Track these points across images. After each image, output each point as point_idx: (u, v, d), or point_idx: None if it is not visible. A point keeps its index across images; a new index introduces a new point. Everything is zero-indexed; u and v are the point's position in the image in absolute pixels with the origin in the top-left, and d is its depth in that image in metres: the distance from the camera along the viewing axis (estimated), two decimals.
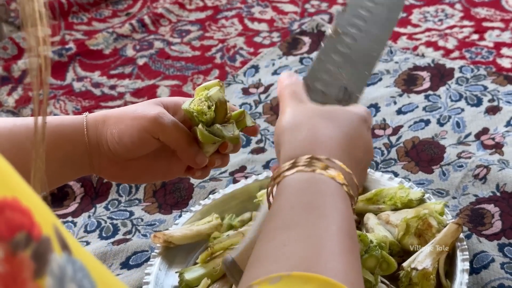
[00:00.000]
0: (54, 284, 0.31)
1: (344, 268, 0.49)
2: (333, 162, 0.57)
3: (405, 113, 1.13)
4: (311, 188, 0.55)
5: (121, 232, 0.99)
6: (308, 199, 0.54)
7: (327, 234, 0.51)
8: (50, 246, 0.32)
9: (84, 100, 1.27)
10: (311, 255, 0.49)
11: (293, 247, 0.50)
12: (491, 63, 1.22)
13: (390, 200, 0.91)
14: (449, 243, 0.83)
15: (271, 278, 0.46)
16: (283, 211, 0.54)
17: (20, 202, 0.31)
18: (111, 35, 1.41)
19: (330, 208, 0.54)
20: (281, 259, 0.48)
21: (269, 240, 0.52)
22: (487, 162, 0.99)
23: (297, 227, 0.52)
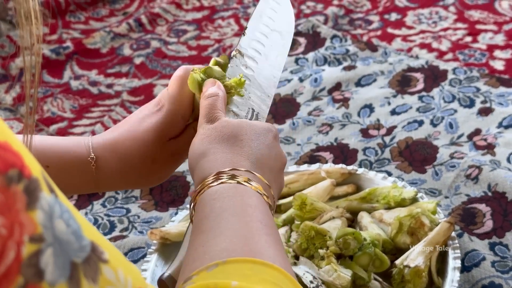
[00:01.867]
0: (44, 218, 0.34)
1: (269, 250, 0.51)
2: (253, 174, 0.60)
3: (399, 113, 1.15)
4: (235, 196, 0.57)
5: (118, 229, 1.00)
6: (226, 202, 0.56)
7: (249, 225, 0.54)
8: (39, 185, 0.35)
9: (81, 99, 1.28)
10: (239, 243, 0.51)
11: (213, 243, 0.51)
12: (484, 65, 1.23)
13: (383, 199, 0.92)
14: (441, 242, 0.84)
15: (208, 267, 0.48)
16: (203, 218, 0.55)
17: (11, 145, 0.35)
18: (108, 34, 1.42)
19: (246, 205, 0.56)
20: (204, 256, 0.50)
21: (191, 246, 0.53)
22: (479, 163, 1.01)
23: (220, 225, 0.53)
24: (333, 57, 1.29)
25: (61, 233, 0.35)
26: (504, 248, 0.89)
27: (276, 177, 0.64)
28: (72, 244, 0.35)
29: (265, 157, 0.63)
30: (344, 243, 0.82)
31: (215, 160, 0.61)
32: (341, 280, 0.79)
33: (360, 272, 0.81)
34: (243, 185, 0.58)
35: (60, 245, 0.35)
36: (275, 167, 0.64)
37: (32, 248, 0.33)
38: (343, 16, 1.42)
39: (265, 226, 0.55)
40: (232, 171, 0.59)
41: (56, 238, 0.35)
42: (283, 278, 0.49)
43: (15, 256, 0.33)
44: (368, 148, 1.08)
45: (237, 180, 0.58)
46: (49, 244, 0.34)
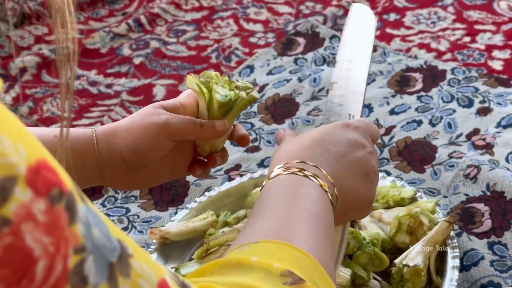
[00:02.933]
0: (84, 229, 0.37)
1: (304, 236, 0.55)
2: (306, 164, 0.63)
3: (397, 113, 1.15)
4: (295, 185, 0.61)
5: None
6: (287, 192, 0.60)
7: (292, 212, 0.57)
8: (75, 198, 0.37)
9: (81, 99, 1.28)
10: (275, 227, 0.55)
11: (260, 224, 0.57)
12: (482, 65, 1.24)
13: (382, 198, 0.93)
14: (440, 241, 0.84)
15: (240, 246, 0.53)
16: (261, 202, 0.60)
17: (49, 162, 0.37)
18: (107, 34, 1.42)
19: (299, 194, 0.60)
20: (248, 234, 0.55)
21: (243, 228, 0.59)
22: (477, 162, 1.01)
23: (267, 212, 0.58)
24: (332, 57, 1.30)
25: (98, 238, 0.38)
26: (503, 247, 0.90)
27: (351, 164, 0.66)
28: (107, 246, 0.38)
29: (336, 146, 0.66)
30: None
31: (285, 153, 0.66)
32: (340, 279, 0.79)
33: (359, 271, 0.81)
34: (308, 178, 0.61)
35: (98, 250, 0.37)
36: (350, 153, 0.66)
37: (77, 259, 0.36)
38: (342, 16, 1.42)
39: (311, 214, 0.57)
40: (301, 164, 0.63)
41: (94, 245, 0.37)
42: (307, 261, 0.51)
43: (63, 269, 0.35)
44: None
45: (303, 174, 0.61)
46: (90, 252, 0.37)
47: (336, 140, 0.66)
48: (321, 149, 0.65)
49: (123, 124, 0.73)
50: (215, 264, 0.50)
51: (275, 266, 0.49)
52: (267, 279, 0.48)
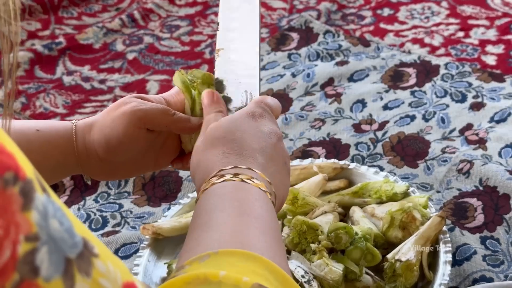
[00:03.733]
0: (39, 218, 0.36)
1: (261, 244, 0.53)
2: (255, 172, 0.60)
3: (391, 108, 1.15)
4: (233, 191, 0.58)
5: (110, 224, 1.00)
6: (228, 200, 0.57)
7: (243, 219, 0.55)
8: (33, 186, 0.36)
9: (74, 94, 1.27)
10: (233, 236, 0.53)
11: (207, 236, 0.53)
12: (476, 60, 1.24)
13: (375, 193, 0.93)
14: (432, 236, 0.84)
15: (200, 257, 0.50)
16: (204, 212, 0.57)
17: (5, 147, 0.36)
18: (101, 29, 1.41)
19: (245, 200, 0.57)
20: (207, 243, 0.52)
21: (188, 238, 0.55)
22: (470, 157, 1.01)
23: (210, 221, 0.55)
24: (326, 52, 1.30)
25: (55, 231, 0.36)
26: (495, 242, 0.90)
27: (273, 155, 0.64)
28: (66, 241, 0.37)
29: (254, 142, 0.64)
30: (335, 237, 0.82)
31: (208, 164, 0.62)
32: (333, 274, 0.79)
33: (351, 266, 0.81)
34: (245, 182, 0.59)
35: (54, 242, 0.36)
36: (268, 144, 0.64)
37: (28, 247, 0.35)
38: (335, 11, 1.42)
39: (260, 220, 0.55)
40: (234, 169, 0.60)
41: (50, 236, 0.36)
42: (272, 270, 0.50)
43: (11, 254, 0.34)
44: (361, 143, 1.08)
45: (240, 178, 0.59)
46: (44, 242, 0.36)
47: (253, 135, 0.64)
48: (245, 149, 0.63)
49: (98, 119, 0.72)
50: (181, 280, 0.48)
51: (244, 280, 0.47)
52: None
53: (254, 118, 0.66)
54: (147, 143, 0.72)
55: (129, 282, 0.40)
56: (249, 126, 0.65)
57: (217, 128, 0.65)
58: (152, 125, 0.71)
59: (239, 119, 0.66)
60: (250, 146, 0.63)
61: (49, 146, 0.71)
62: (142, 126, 0.71)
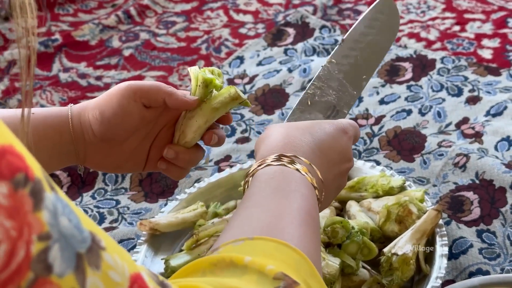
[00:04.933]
0: (50, 217, 0.37)
1: (299, 236, 0.55)
2: (298, 158, 0.64)
3: (387, 103, 1.15)
4: (277, 176, 0.61)
5: (107, 221, 1.00)
6: (274, 185, 0.60)
7: (287, 209, 0.57)
8: (42, 186, 0.37)
9: (70, 91, 1.27)
10: (271, 224, 0.55)
11: (256, 218, 0.56)
12: (472, 54, 1.24)
13: (372, 187, 0.93)
14: (428, 229, 0.85)
15: (235, 241, 0.52)
16: (251, 195, 0.60)
17: (15, 148, 0.37)
18: (97, 26, 1.41)
19: (293, 190, 0.60)
20: (245, 228, 0.55)
21: (236, 217, 0.58)
22: (467, 151, 1.01)
23: (261, 205, 0.58)
24: (322, 47, 1.30)
25: (65, 228, 0.37)
26: (492, 235, 0.90)
27: (336, 175, 0.68)
28: (75, 237, 0.38)
29: (330, 151, 0.67)
30: (332, 231, 0.82)
31: (278, 141, 0.66)
32: (329, 268, 0.80)
33: (348, 260, 0.82)
34: (300, 172, 0.62)
35: (65, 239, 0.37)
36: (339, 165, 0.69)
37: (41, 246, 0.36)
38: (332, 6, 1.42)
39: (304, 213, 0.58)
40: (293, 157, 0.63)
41: (61, 234, 0.37)
42: (303, 262, 0.51)
43: (25, 254, 0.35)
44: None
45: (295, 167, 0.62)
46: (55, 240, 0.37)
47: (333, 145, 0.68)
48: (316, 146, 0.66)
49: (94, 99, 0.75)
50: (208, 261, 0.50)
51: (269, 268, 0.48)
52: (259, 281, 0.48)
53: (344, 134, 0.70)
54: (141, 120, 0.73)
55: (136, 273, 0.41)
56: (335, 136, 0.69)
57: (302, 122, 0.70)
58: (147, 99, 0.73)
59: (332, 126, 0.70)
60: (324, 150, 0.67)
61: (44, 126, 0.72)
62: (138, 100, 0.72)
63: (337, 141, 0.69)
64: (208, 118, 0.74)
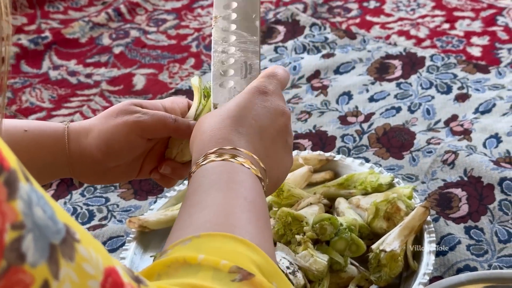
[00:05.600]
0: (24, 207, 0.37)
1: (245, 225, 0.53)
2: (239, 150, 0.61)
3: (377, 100, 1.15)
4: (220, 172, 0.59)
5: (96, 218, 1.00)
6: (213, 180, 0.58)
7: (228, 200, 0.56)
8: (17, 176, 0.37)
9: (60, 89, 1.27)
10: (215, 219, 0.54)
11: (197, 216, 0.54)
12: (461, 52, 1.24)
13: (360, 184, 0.93)
14: (416, 226, 0.85)
15: (182, 241, 0.51)
16: (193, 193, 0.58)
17: None
18: (87, 24, 1.41)
19: (233, 182, 0.58)
20: (190, 226, 0.53)
21: (180, 217, 0.56)
22: (455, 148, 1.02)
23: (201, 202, 0.56)
24: (312, 45, 1.30)
25: (40, 219, 0.37)
26: (479, 232, 0.90)
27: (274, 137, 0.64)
28: (50, 228, 0.38)
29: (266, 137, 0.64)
30: (320, 228, 0.82)
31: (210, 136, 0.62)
32: (318, 265, 0.80)
33: (336, 257, 0.82)
34: (233, 162, 0.59)
35: (39, 229, 0.37)
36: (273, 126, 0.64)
37: (14, 235, 0.36)
38: (322, 4, 1.42)
39: (250, 202, 0.56)
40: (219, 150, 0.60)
41: (35, 224, 0.37)
42: (252, 252, 0.51)
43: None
44: (346, 135, 1.09)
45: (224, 158, 0.59)
46: (29, 230, 0.37)
47: (256, 112, 0.64)
48: (245, 127, 0.63)
49: (96, 124, 0.72)
50: (161, 264, 0.49)
51: (223, 263, 0.48)
52: (216, 277, 0.47)
53: (263, 95, 0.66)
54: (144, 150, 0.74)
55: (110, 267, 0.41)
56: (254, 102, 0.65)
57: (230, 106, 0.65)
58: (153, 135, 0.73)
59: (247, 94, 0.65)
60: (249, 123, 0.63)
61: (36, 146, 0.71)
62: (144, 136, 0.72)
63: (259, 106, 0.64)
64: None
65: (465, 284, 0.75)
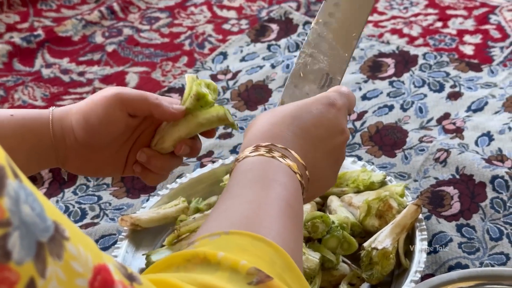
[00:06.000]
0: (11, 204, 0.36)
1: (277, 229, 0.54)
2: (276, 146, 0.61)
3: (369, 98, 1.15)
4: (255, 167, 0.60)
5: (89, 216, 1.00)
6: (251, 176, 0.59)
7: (265, 200, 0.56)
8: (5, 172, 0.37)
9: (52, 87, 1.27)
10: (248, 217, 0.54)
11: (233, 210, 0.55)
12: (453, 50, 1.24)
13: (353, 182, 0.93)
14: (408, 224, 0.85)
15: (211, 235, 0.52)
16: (229, 188, 0.59)
17: None
18: (80, 22, 1.41)
19: (271, 180, 0.58)
20: (222, 221, 0.54)
21: (215, 210, 0.57)
22: (447, 146, 1.02)
23: (240, 196, 0.57)
24: None
25: (27, 216, 0.37)
26: (471, 229, 0.91)
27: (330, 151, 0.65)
28: (37, 225, 0.37)
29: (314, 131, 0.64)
30: (312, 226, 0.83)
31: (258, 131, 0.63)
32: (309, 263, 0.80)
33: (328, 255, 0.82)
34: (278, 160, 0.60)
35: (26, 227, 0.37)
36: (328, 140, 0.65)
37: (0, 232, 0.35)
38: (315, 2, 1.42)
39: (289, 207, 0.56)
40: (270, 145, 0.61)
41: (22, 222, 0.37)
42: (278, 256, 0.51)
43: None
44: None
45: (272, 155, 0.60)
46: (16, 228, 0.36)
47: (318, 121, 0.64)
48: (303, 131, 0.63)
49: (77, 104, 0.73)
50: (182, 256, 0.49)
51: (242, 263, 0.48)
52: (232, 278, 0.47)
53: (330, 107, 0.66)
54: (125, 128, 0.73)
55: (100, 264, 0.40)
56: (319, 110, 0.65)
57: (289, 106, 0.66)
58: (134, 109, 0.72)
59: (316, 101, 0.66)
60: (307, 128, 0.63)
61: (23, 129, 0.71)
62: (124, 109, 0.72)
63: (323, 116, 0.65)
64: (191, 130, 0.73)
65: (456, 282, 0.76)
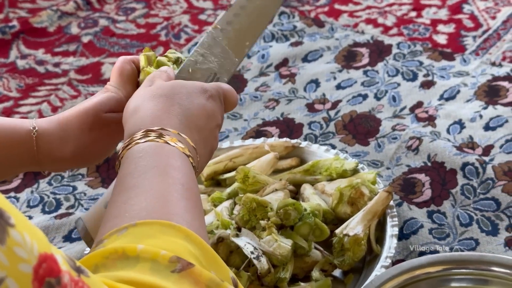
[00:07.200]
0: None
1: (182, 213, 0.54)
2: (166, 130, 0.62)
3: (344, 88, 1.16)
4: (147, 154, 0.59)
5: (64, 207, 1.00)
6: (144, 163, 0.58)
7: (164, 186, 0.56)
8: None
9: (27, 78, 1.26)
10: (150, 206, 0.54)
11: (134, 202, 0.54)
12: (427, 39, 1.26)
13: (325, 171, 0.94)
14: (379, 210, 0.86)
15: (118, 230, 0.51)
16: (123, 179, 0.58)
17: None
18: (55, 12, 1.40)
19: (165, 165, 0.58)
20: (125, 214, 0.53)
21: (113, 204, 0.56)
22: (419, 134, 1.03)
23: (137, 186, 0.56)
24: (281, 33, 1.30)
25: None
26: (442, 216, 0.92)
27: (207, 137, 0.66)
28: None
29: (195, 116, 0.66)
30: (284, 213, 0.83)
31: (145, 116, 0.64)
32: (282, 249, 0.81)
33: (300, 241, 0.83)
34: (170, 145, 0.60)
35: None
36: (206, 127, 0.66)
37: None
38: None
39: (187, 189, 0.57)
40: (161, 130, 0.61)
41: None
42: (189, 239, 0.51)
43: None
44: (314, 122, 1.10)
45: (164, 140, 0.60)
46: None
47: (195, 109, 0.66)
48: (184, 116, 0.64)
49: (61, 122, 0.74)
50: (100, 254, 0.49)
51: (162, 253, 0.48)
52: (154, 269, 0.47)
53: (204, 95, 0.68)
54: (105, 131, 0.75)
55: (47, 253, 0.41)
56: (196, 99, 0.67)
57: (165, 85, 0.67)
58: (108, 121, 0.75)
59: (190, 88, 0.67)
60: (187, 116, 0.65)
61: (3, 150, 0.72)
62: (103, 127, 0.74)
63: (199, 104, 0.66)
64: None
65: (426, 267, 0.77)
